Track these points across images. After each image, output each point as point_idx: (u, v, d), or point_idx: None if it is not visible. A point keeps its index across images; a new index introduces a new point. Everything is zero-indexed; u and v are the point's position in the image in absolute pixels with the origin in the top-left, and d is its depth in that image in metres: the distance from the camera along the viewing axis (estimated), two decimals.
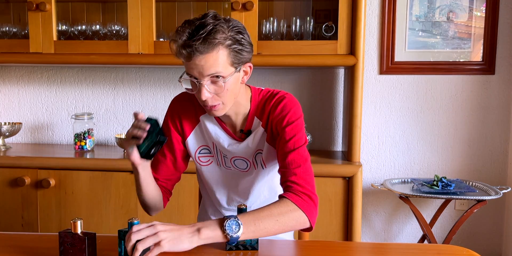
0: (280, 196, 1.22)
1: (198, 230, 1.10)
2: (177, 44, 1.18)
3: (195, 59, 1.17)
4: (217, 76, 1.20)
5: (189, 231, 1.10)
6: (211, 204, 1.52)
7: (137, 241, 1.06)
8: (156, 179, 1.41)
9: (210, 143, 1.41)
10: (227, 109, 1.29)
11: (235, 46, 1.19)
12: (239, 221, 1.11)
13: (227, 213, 1.49)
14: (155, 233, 1.07)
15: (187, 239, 1.09)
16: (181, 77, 1.25)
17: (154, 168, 1.42)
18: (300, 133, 1.30)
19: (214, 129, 1.39)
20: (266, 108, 1.34)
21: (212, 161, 1.44)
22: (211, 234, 1.10)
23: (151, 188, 1.36)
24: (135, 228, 1.08)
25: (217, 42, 1.16)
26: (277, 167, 1.36)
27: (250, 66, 1.29)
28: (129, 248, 1.06)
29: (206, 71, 1.18)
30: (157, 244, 1.06)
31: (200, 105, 1.39)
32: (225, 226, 1.09)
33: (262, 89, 1.39)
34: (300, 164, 1.25)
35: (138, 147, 1.25)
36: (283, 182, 1.26)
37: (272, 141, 1.35)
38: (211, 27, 1.16)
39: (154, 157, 1.43)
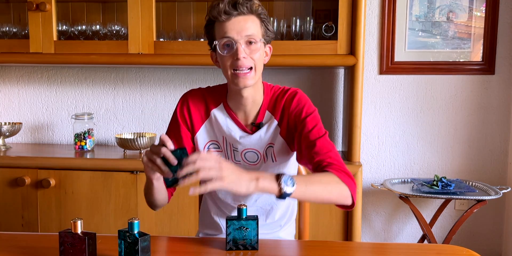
0: (324, 171, 1.24)
1: (257, 178, 1.10)
2: (224, 2, 1.27)
3: (236, 18, 1.28)
4: (251, 41, 1.29)
5: (248, 178, 1.09)
6: (214, 204, 1.52)
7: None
8: None
9: (220, 137, 1.42)
10: (256, 79, 1.33)
11: (265, 18, 1.33)
12: (294, 179, 1.12)
13: (231, 213, 1.48)
14: (220, 168, 1.06)
15: (246, 184, 1.08)
16: (211, 44, 1.34)
17: None
18: (320, 124, 1.35)
19: (225, 122, 1.41)
20: (279, 103, 1.39)
21: (220, 156, 1.43)
22: (267, 185, 1.10)
23: (161, 193, 1.37)
24: (203, 155, 1.07)
25: (255, 8, 1.30)
26: (287, 162, 1.43)
27: (270, 48, 1.39)
28: (184, 171, 1.05)
29: (244, 31, 1.28)
30: (220, 178, 1.05)
31: (212, 100, 1.43)
32: (281, 179, 1.11)
33: (273, 85, 1.45)
34: (330, 149, 1.29)
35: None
36: (318, 165, 1.27)
37: (288, 135, 1.38)
38: None
39: None
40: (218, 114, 1.42)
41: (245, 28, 1.28)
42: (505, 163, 2.56)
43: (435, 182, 2.28)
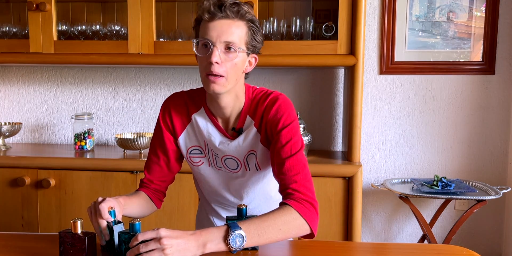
0: (282, 203, 1.21)
1: (204, 245, 1.07)
2: (210, 2, 1.22)
3: (219, 21, 1.22)
4: (229, 48, 1.23)
5: (195, 246, 1.07)
6: (208, 204, 1.52)
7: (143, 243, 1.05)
8: (150, 181, 1.42)
9: (202, 142, 1.39)
10: (228, 87, 1.26)
11: (253, 26, 1.25)
12: (243, 234, 1.09)
13: (224, 213, 1.48)
14: (162, 248, 1.03)
15: (192, 253, 1.06)
16: (195, 40, 1.27)
17: (148, 169, 1.43)
18: (296, 137, 1.28)
19: (206, 126, 1.37)
20: (259, 107, 1.33)
21: (203, 162, 1.42)
22: (216, 248, 1.09)
23: (143, 212, 1.37)
24: (140, 236, 1.05)
25: (244, 12, 1.23)
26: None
27: (255, 58, 1.32)
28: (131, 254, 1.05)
29: (224, 36, 1.21)
30: (163, 252, 1.03)
31: (192, 104, 1.39)
32: (229, 240, 1.08)
33: (256, 88, 1.38)
34: (299, 171, 1.24)
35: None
36: (283, 190, 1.25)
37: (267, 143, 1.34)
38: (241, 2, 1.25)
39: (148, 158, 1.44)
40: (199, 118, 1.38)
41: (227, 33, 1.21)
42: (505, 163, 2.56)
43: (435, 182, 2.28)
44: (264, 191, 1.45)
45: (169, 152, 1.41)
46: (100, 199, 1.19)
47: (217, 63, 1.21)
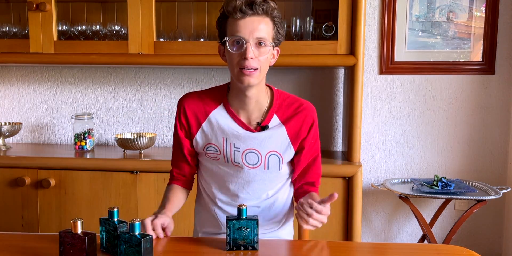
0: (311, 190, 1.47)
1: None
2: (242, 0, 1.28)
3: (250, 18, 1.29)
4: (261, 42, 1.31)
5: None
6: (211, 201, 1.51)
7: None
8: (181, 175, 1.53)
9: (220, 138, 1.42)
10: (260, 79, 1.36)
11: (278, 21, 1.36)
12: None
13: (229, 208, 1.48)
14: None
15: None
16: (222, 38, 1.36)
17: (177, 166, 1.52)
18: (318, 142, 1.50)
19: (226, 122, 1.42)
20: (291, 113, 1.43)
21: (219, 158, 1.45)
22: None
23: (178, 208, 1.49)
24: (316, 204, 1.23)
25: (270, 10, 1.32)
26: (288, 172, 1.49)
27: (278, 51, 1.42)
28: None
29: (256, 32, 1.30)
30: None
31: (210, 101, 1.44)
32: None
33: (281, 91, 1.49)
34: (319, 173, 1.51)
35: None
36: (311, 184, 1.49)
37: (295, 146, 1.44)
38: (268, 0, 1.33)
39: (174, 156, 1.52)
40: (218, 115, 1.42)
41: (258, 30, 1.30)
42: (505, 163, 2.56)
43: (435, 182, 2.28)
44: (274, 194, 1.47)
45: (190, 150, 1.48)
46: (151, 217, 1.30)
47: (251, 58, 1.30)
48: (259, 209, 1.46)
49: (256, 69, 1.32)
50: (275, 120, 1.42)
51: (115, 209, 1.16)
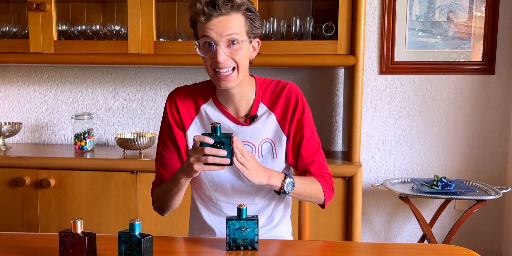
0: (315, 176, 1.42)
1: (269, 177, 1.27)
2: (202, 2, 1.23)
3: (216, 19, 1.24)
4: (233, 41, 1.26)
5: (264, 175, 1.26)
6: (204, 203, 1.49)
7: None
8: (163, 176, 1.44)
9: None
10: (239, 79, 1.32)
11: (250, 14, 1.28)
12: (294, 184, 1.31)
13: (227, 211, 1.46)
14: (251, 162, 1.22)
15: (259, 179, 1.25)
16: (196, 42, 1.31)
17: (162, 166, 1.43)
18: (314, 128, 1.46)
19: (217, 117, 1.40)
20: (275, 96, 1.40)
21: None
22: (274, 183, 1.29)
23: (181, 196, 1.42)
24: (239, 143, 1.20)
25: (237, 5, 1.24)
26: (284, 166, 1.44)
27: (258, 42, 1.36)
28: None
29: (225, 31, 1.24)
30: (247, 169, 1.21)
31: (200, 95, 1.42)
32: (285, 182, 1.30)
33: (264, 78, 1.45)
34: (324, 163, 1.46)
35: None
36: (316, 172, 1.44)
37: (287, 132, 1.40)
38: None
39: (159, 155, 1.45)
40: (208, 109, 1.41)
41: (226, 28, 1.24)
42: (505, 163, 2.56)
43: (435, 182, 2.28)
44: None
45: (180, 146, 1.42)
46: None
47: (224, 60, 1.26)
48: (257, 206, 1.44)
49: (234, 68, 1.29)
50: (262, 108, 1.40)
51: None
